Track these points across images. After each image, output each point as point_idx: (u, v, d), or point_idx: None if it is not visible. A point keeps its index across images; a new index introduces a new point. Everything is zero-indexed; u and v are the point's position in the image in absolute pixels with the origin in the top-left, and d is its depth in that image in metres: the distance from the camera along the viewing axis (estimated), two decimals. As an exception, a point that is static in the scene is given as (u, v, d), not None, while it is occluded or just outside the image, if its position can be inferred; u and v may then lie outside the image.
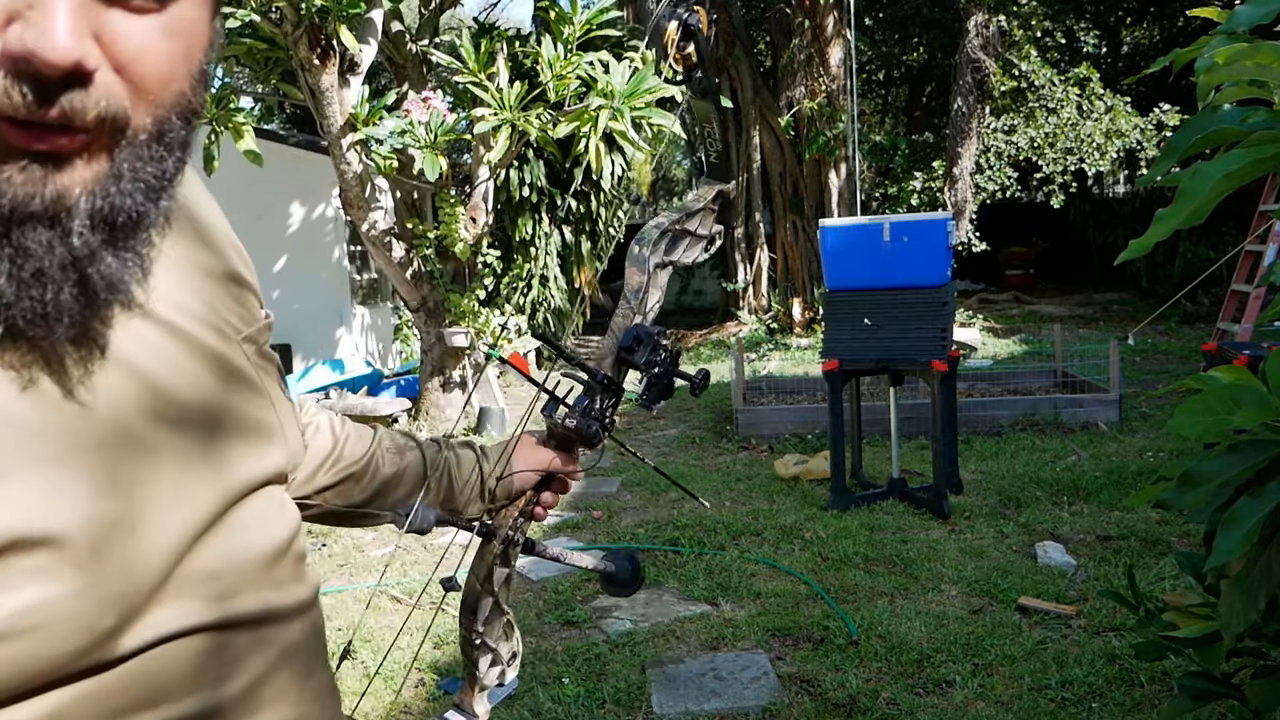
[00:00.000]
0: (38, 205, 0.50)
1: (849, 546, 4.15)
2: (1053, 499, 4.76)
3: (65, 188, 0.51)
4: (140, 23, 0.53)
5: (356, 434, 0.97)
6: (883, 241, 4.65)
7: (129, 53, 0.53)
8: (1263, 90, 1.04)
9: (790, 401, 7.22)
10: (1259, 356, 3.53)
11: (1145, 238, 0.95)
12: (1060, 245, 16.88)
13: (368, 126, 6.19)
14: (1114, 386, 6.38)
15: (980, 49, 10.94)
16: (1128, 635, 3.13)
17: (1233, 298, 7.88)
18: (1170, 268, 12.41)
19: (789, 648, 3.28)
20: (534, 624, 3.57)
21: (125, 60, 0.52)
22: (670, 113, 5.99)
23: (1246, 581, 1.20)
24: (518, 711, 2.88)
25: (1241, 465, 1.19)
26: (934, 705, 2.82)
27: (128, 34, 0.52)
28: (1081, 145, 11.22)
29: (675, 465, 5.94)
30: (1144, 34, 16.59)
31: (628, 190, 11.06)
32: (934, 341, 4.57)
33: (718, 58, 12.27)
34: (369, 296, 11.27)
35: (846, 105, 11.42)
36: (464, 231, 6.91)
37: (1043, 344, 9.83)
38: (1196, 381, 1.30)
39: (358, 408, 6.96)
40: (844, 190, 12.03)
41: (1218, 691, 1.55)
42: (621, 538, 4.50)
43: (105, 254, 0.53)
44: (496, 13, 18.06)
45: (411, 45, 7.59)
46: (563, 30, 5.83)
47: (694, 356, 11.22)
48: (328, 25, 5.90)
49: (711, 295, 15.97)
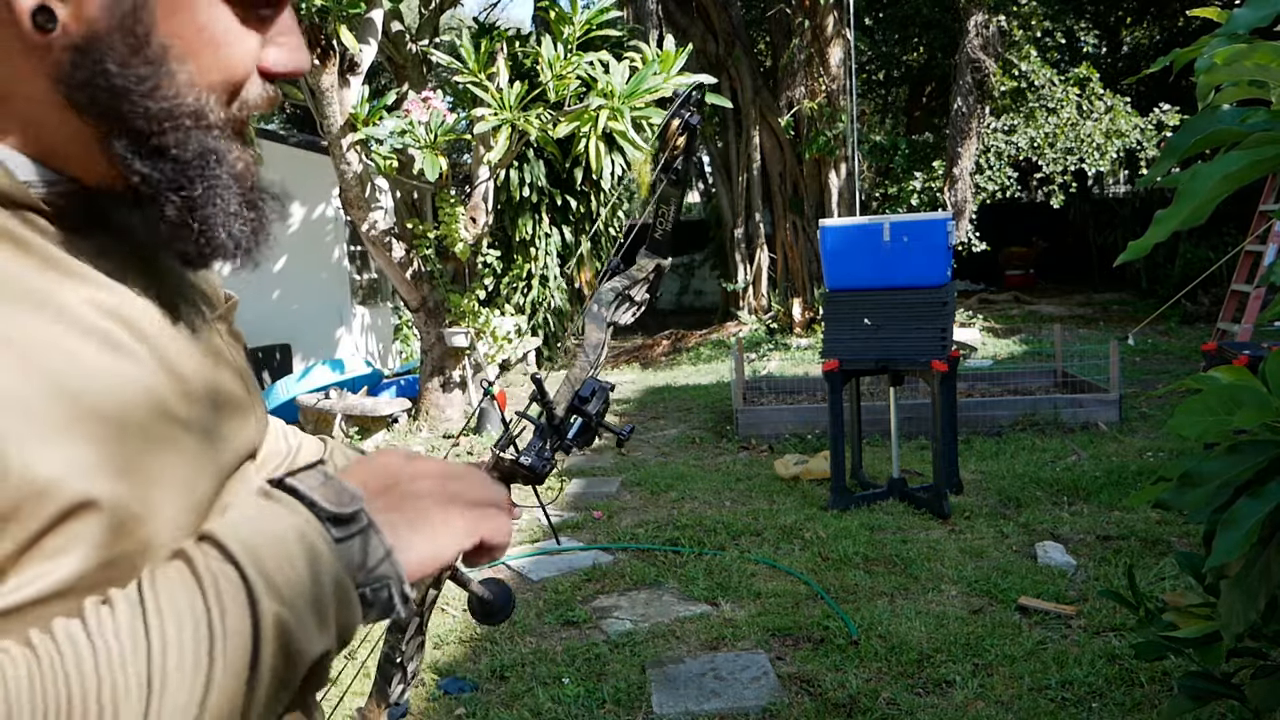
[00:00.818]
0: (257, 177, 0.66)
1: (849, 546, 4.15)
2: (1053, 499, 4.76)
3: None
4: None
5: (310, 443, 0.96)
6: (883, 241, 4.65)
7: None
8: (1262, 90, 1.04)
9: (790, 401, 7.22)
10: (1259, 356, 3.53)
11: (1144, 239, 0.95)
12: (1060, 245, 16.89)
13: (368, 126, 6.19)
14: (1114, 386, 6.38)
15: (980, 49, 10.94)
16: (1128, 635, 3.13)
17: (1233, 298, 7.89)
18: (1170, 268, 12.42)
19: (789, 648, 3.28)
20: (534, 624, 3.57)
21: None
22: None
23: (1246, 581, 1.20)
24: (518, 711, 2.89)
25: (1241, 465, 1.20)
26: (934, 705, 2.82)
27: None
28: (1081, 145, 11.23)
29: (675, 465, 5.94)
30: (1144, 34, 16.59)
31: (628, 190, 11.07)
32: (934, 341, 4.57)
33: (719, 57, 12.27)
34: (369, 296, 11.28)
35: (846, 105, 11.42)
36: (464, 231, 6.91)
37: (1043, 344, 9.84)
38: (1196, 381, 1.30)
39: (358, 408, 6.96)
40: (844, 190, 12.03)
41: (1218, 691, 1.55)
42: (621, 537, 4.50)
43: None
44: (496, 13, 18.06)
45: (411, 45, 7.59)
46: (563, 30, 5.83)
47: (694, 356, 11.22)
48: (328, 25, 5.90)
49: (711, 295, 15.97)
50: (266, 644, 0.53)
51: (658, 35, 9.04)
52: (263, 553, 0.54)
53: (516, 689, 3.04)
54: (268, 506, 0.57)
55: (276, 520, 0.56)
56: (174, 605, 0.52)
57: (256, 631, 0.52)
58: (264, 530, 0.55)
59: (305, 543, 0.56)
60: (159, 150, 0.59)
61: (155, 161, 0.59)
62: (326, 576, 0.56)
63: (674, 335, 12.71)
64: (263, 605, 0.53)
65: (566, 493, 5.47)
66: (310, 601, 0.55)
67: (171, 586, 0.53)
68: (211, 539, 0.55)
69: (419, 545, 0.62)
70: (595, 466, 6.07)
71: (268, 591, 0.53)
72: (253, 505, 0.58)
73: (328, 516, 0.58)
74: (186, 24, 0.59)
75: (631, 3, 12.26)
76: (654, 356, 11.70)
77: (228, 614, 0.52)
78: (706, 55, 12.15)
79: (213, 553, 0.54)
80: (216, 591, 0.52)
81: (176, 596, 0.52)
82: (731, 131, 12.99)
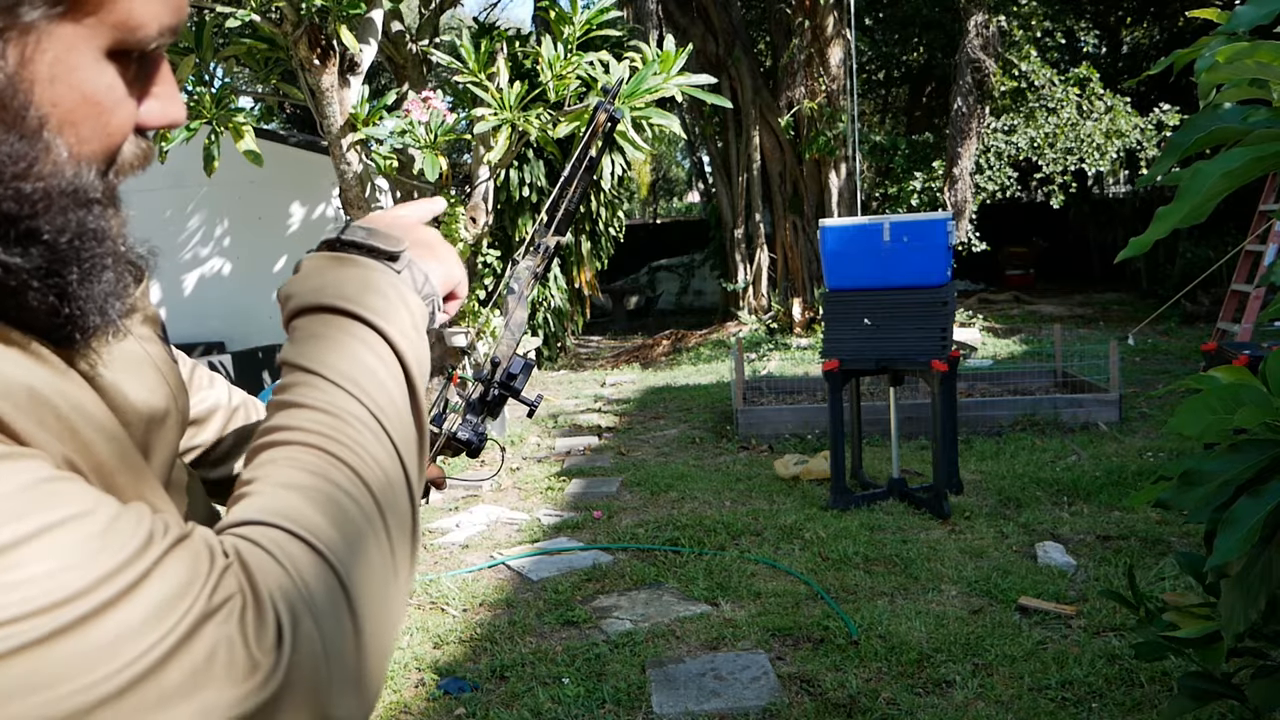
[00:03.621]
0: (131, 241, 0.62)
1: (849, 546, 4.15)
2: (1053, 499, 4.76)
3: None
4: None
5: (256, 405, 0.99)
6: (883, 241, 4.65)
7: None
8: (1263, 90, 1.04)
9: (790, 401, 7.22)
10: (1259, 356, 3.52)
11: (1144, 236, 0.95)
12: (1060, 245, 16.89)
13: (368, 126, 6.19)
14: (1114, 386, 6.38)
15: (980, 49, 10.94)
16: (1128, 635, 3.13)
17: (1233, 298, 7.89)
18: (1170, 268, 12.42)
19: (789, 648, 3.28)
20: (534, 624, 3.57)
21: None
22: (670, 113, 5.99)
23: (1246, 581, 1.20)
24: (517, 711, 2.88)
25: (1241, 465, 1.19)
26: (934, 705, 2.82)
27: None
28: (1081, 145, 11.23)
29: (675, 465, 5.94)
30: (1144, 34, 16.59)
31: (628, 190, 11.06)
32: (934, 341, 4.57)
33: (718, 57, 12.26)
34: (369, 296, 11.26)
35: (846, 105, 11.42)
36: (464, 231, 6.91)
37: (1043, 344, 9.84)
38: (1196, 381, 1.30)
39: (358, 408, 6.95)
40: (844, 190, 12.03)
41: (1218, 691, 1.55)
42: (621, 537, 4.50)
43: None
44: (496, 13, 18.06)
45: (411, 45, 7.59)
46: (563, 30, 5.83)
47: (694, 356, 11.22)
48: (328, 25, 5.89)
49: (711, 295, 15.97)
50: (408, 361, 0.70)
51: (658, 35, 9.04)
52: (372, 303, 0.70)
53: (516, 689, 3.03)
54: (350, 265, 0.72)
55: (364, 274, 0.71)
56: (353, 367, 0.66)
57: (399, 356, 0.69)
58: (361, 285, 0.70)
59: (385, 281, 0.72)
60: (30, 234, 0.52)
61: (25, 247, 0.52)
62: (410, 300, 0.73)
63: (674, 335, 12.71)
64: (396, 341, 0.69)
65: (566, 493, 5.47)
66: (411, 324, 0.72)
67: (340, 356, 0.67)
68: (339, 310, 0.69)
69: (436, 270, 0.80)
70: (595, 466, 6.06)
71: (394, 331, 0.69)
72: (338, 268, 0.72)
73: (386, 255, 0.74)
74: (68, 90, 0.53)
75: (631, 3, 12.26)
76: (654, 356, 11.70)
77: (383, 358, 0.68)
78: (706, 55, 12.14)
79: (348, 323, 0.68)
80: (368, 345, 0.68)
81: (348, 356, 0.67)
82: (731, 131, 12.98)
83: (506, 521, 4.97)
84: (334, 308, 0.69)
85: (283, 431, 0.63)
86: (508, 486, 5.70)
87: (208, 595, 0.51)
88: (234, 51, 6.29)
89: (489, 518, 5.03)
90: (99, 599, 0.48)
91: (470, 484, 5.54)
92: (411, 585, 0.65)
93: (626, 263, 16.82)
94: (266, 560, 0.55)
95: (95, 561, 0.48)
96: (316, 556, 0.56)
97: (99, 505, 0.51)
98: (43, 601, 0.46)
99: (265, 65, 6.49)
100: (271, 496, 0.59)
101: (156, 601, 0.49)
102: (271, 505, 0.58)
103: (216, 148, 6.08)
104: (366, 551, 0.59)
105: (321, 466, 0.61)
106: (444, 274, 0.81)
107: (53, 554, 0.47)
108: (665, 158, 28.28)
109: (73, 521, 0.49)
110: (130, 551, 0.50)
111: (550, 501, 5.33)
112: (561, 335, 11.10)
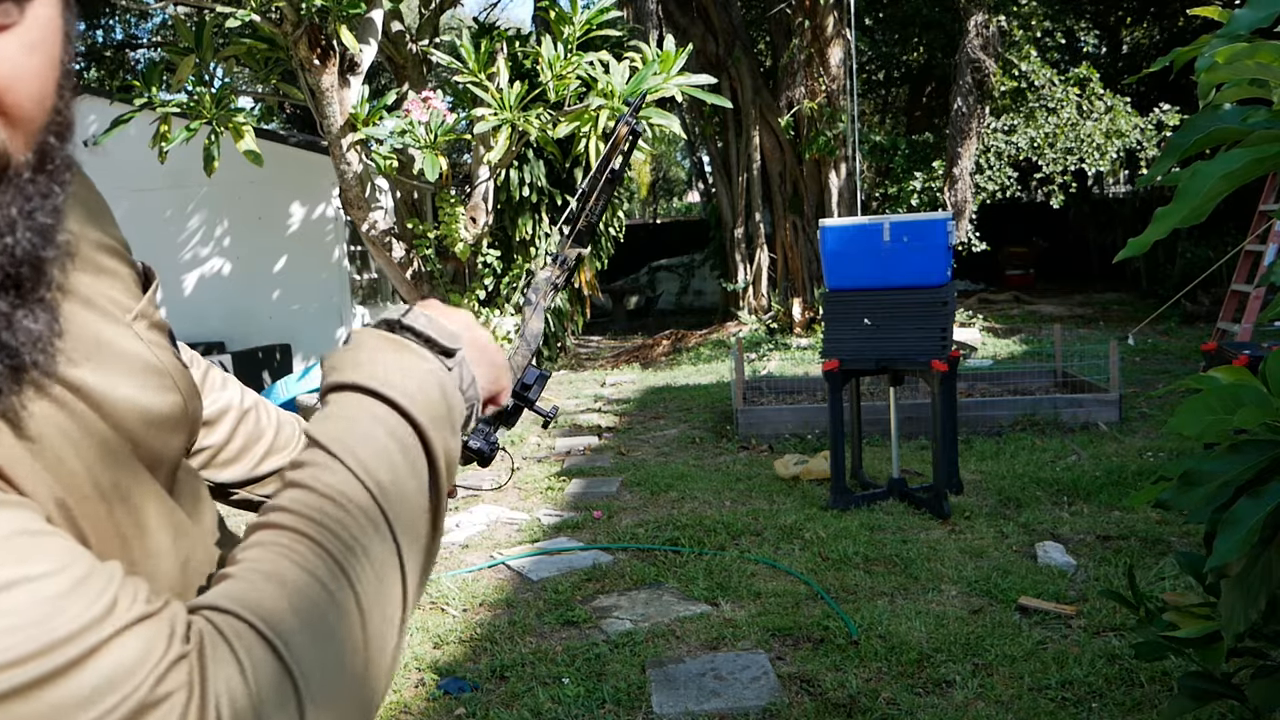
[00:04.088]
0: None
1: (849, 546, 4.15)
2: (1053, 499, 4.76)
3: None
4: (2, 42, 0.48)
5: (284, 419, 0.98)
6: (883, 241, 4.65)
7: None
8: (1263, 90, 1.04)
9: (790, 401, 7.22)
10: (1259, 356, 3.52)
11: (1144, 236, 0.95)
12: (1060, 245, 16.90)
13: (368, 126, 6.19)
14: (1114, 386, 6.38)
15: (980, 49, 10.94)
16: (1128, 635, 3.13)
17: (1233, 298, 7.89)
18: (1170, 268, 12.42)
19: (789, 648, 3.28)
20: (534, 624, 3.57)
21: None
22: (670, 113, 5.99)
23: (1246, 581, 1.20)
24: (517, 711, 2.88)
25: (1241, 465, 1.19)
26: (934, 705, 2.82)
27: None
28: (1081, 145, 11.23)
29: (675, 465, 5.94)
30: (1144, 34, 16.60)
31: (628, 190, 11.06)
32: (934, 341, 4.57)
33: (718, 57, 12.25)
34: (369, 296, 11.27)
35: (846, 105, 11.42)
36: (464, 231, 6.90)
37: (1043, 344, 9.84)
38: (1196, 381, 1.30)
39: (358, 408, 6.95)
40: (844, 190, 12.03)
41: (1218, 691, 1.55)
42: (621, 537, 4.50)
43: (19, 317, 0.50)
44: (496, 13, 18.06)
45: (411, 45, 7.59)
46: (563, 30, 5.83)
47: (694, 356, 11.22)
48: (328, 25, 5.89)
49: (711, 295, 15.97)
50: (438, 459, 0.67)
51: (658, 35, 9.04)
52: (415, 395, 0.68)
53: (516, 689, 3.03)
54: (405, 352, 0.70)
55: (417, 364, 0.70)
56: (371, 455, 0.64)
57: (429, 453, 0.67)
58: (409, 374, 0.69)
59: (435, 378, 0.70)
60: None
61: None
62: (454, 399, 0.71)
63: (674, 335, 12.71)
64: (431, 437, 0.67)
65: (566, 493, 5.47)
66: (448, 422, 0.70)
67: (365, 445, 0.64)
68: (379, 395, 0.67)
69: (485, 374, 0.80)
70: (595, 466, 6.06)
71: (430, 426, 0.67)
72: (392, 351, 0.70)
73: (440, 350, 0.73)
74: None
75: (631, 3, 12.25)
76: (654, 356, 11.70)
77: (409, 454, 0.66)
78: (706, 55, 12.14)
79: (384, 412, 0.66)
80: (397, 437, 0.66)
81: (372, 445, 0.65)
82: (731, 131, 12.98)
83: (506, 521, 4.97)
84: (375, 392, 0.67)
85: (284, 514, 0.61)
86: (508, 486, 5.71)
87: (151, 684, 0.48)
88: (234, 51, 6.29)
89: (489, 518, 5.03)
90: (41, 669, 0.45)
91: (472, 487, 5.55)
92: (394, 675, 0.63)
93: (626, 263, 16.83)
94: (226, 656, 0.52)
95: (47, 626, 0.46)
96: (278, 663, 0.53)
97: (71, 564, 0.49)
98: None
99: (265, 65, 6.49)
100: (251, 586, 0.56)
101: (96, 682, 0.47)
102: (250, 597, 0.56)
103: (216, 148, 6.08)
104: (338, 655, 0.57)
105: (312, 562, 0.58)
106: (491, 379, 0.81)
107: (7, 612, 0.45)
108: (665, 158, 28.29)
109: (37, 582, 0.47)
110: (85, 621, 0.47)
111: (550, 501, 5.33)
112: (561, 335, 11.10)
